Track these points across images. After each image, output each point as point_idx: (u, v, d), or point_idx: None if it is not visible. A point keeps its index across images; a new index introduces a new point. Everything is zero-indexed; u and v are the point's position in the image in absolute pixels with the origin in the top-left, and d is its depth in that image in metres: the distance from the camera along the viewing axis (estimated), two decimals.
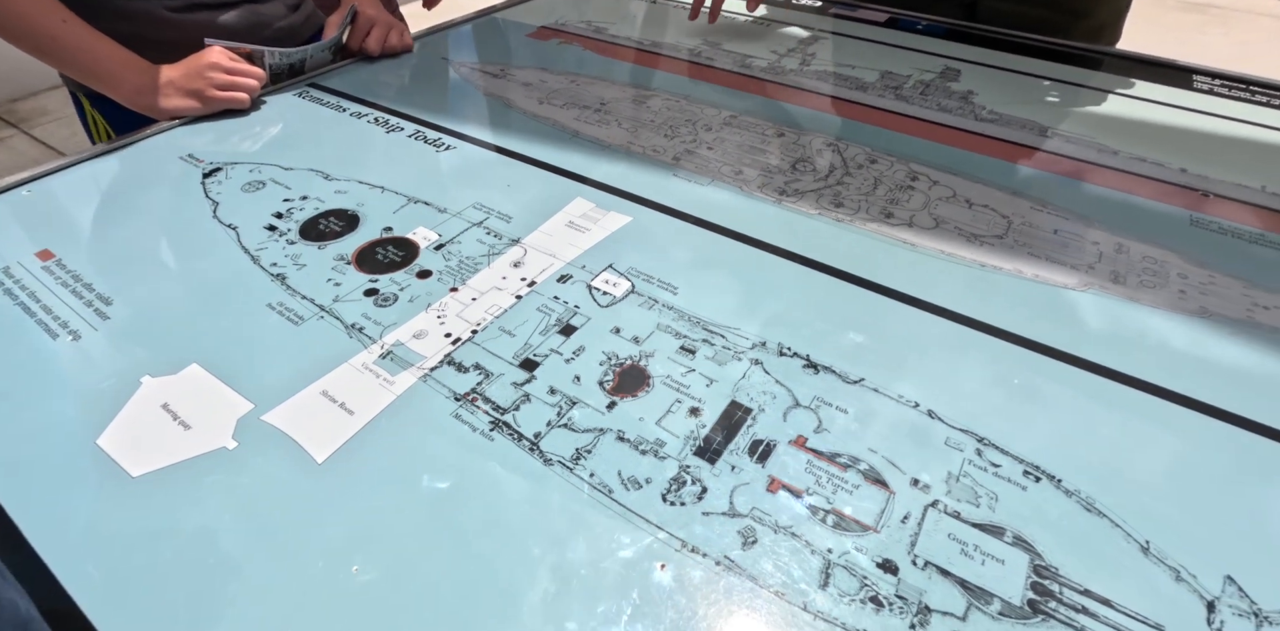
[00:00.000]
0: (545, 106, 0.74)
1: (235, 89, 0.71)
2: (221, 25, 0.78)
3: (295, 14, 0.88)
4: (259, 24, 0.82)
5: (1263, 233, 0.58)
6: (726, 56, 0.87)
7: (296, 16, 0.88)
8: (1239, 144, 0.73)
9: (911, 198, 0.61)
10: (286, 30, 0.86)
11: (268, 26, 0.83)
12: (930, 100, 0.78)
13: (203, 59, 0.70)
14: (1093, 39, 0.96)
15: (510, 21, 0.98)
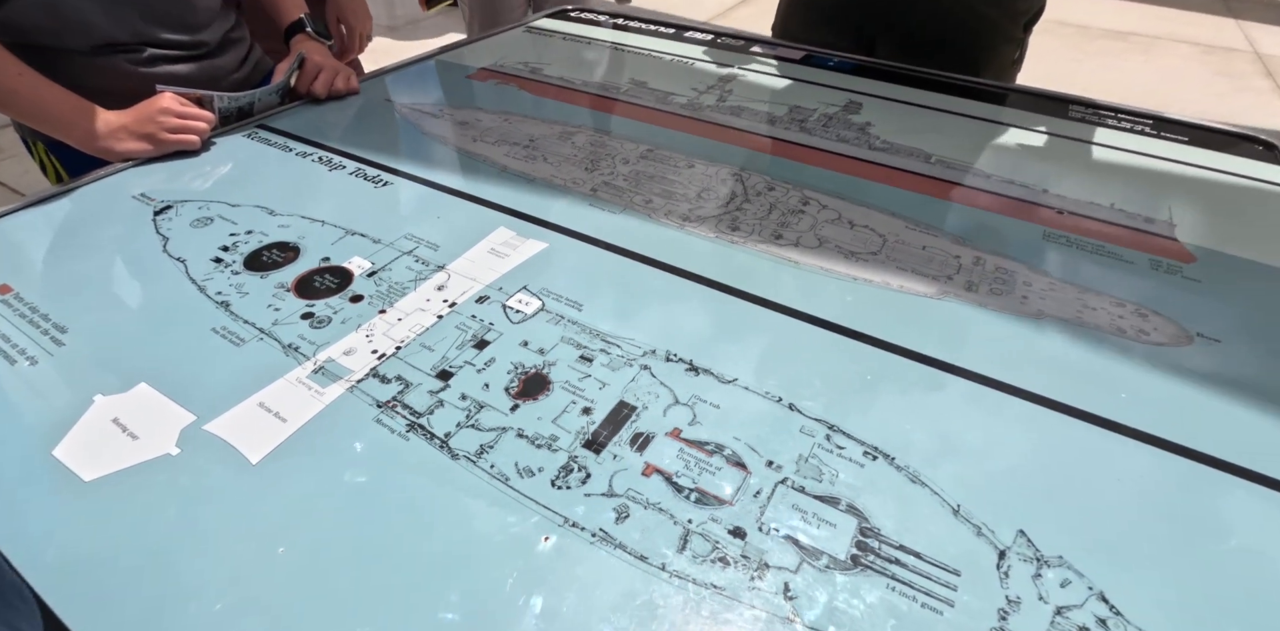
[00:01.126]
0: (479, 144, 0.81)
1: (185, 132, 0.77)
2: (180, 77, 0.84)
3: (246, 65, 0.94)
4: (214, 77, 0.88)
5: (1102, 244, 0.66)
6: (650, 94, 0.95)
7: (247, 68, 0.94)
8: (1099, 167, 0.82)
9: (801, 220, 0.68)
10: (239, 82, 0.92)
11: (223, 78, 0.89)
12: (831, 131, 0.86)
13: (154, 105, 0.76)
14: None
15: (452, 64, 1.05)
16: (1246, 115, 3.11)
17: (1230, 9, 4.66)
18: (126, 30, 0.80)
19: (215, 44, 0.89)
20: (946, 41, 1.06)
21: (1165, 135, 0.91)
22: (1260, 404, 0.49)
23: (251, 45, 0.99)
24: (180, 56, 0.84)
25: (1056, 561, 0.38)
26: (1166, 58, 3.77)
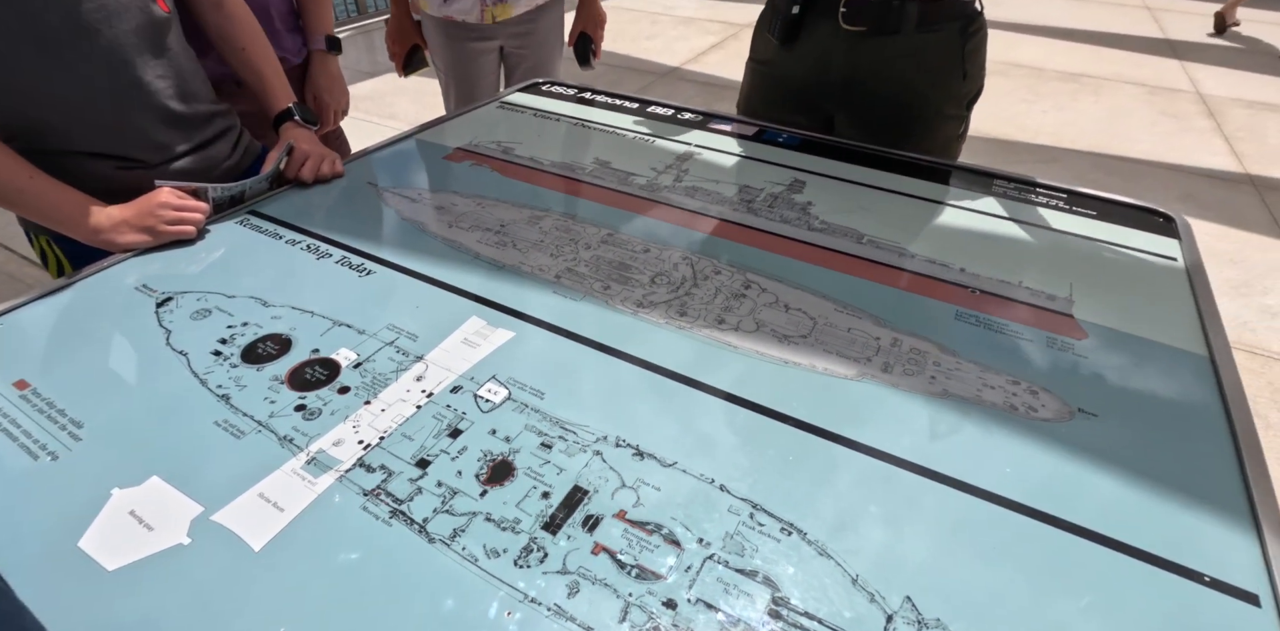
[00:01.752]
0: (454, 230, 0.89)
1: (183, 223, 0.84)
2: (174, 172, 0.92)
3: (236, 152, 1.02)
4: (207, 167, 0.96)
5: (1007, 323, 0.75)
6: (612, 175, 1.04)
7: (237, 154, 1.02)
8: (1013, 244, 0.91)
9: (742, 304, 0.76)
10: (231, 168, 1.00)
11: (215, 167, 0.97)
12: (775, 212, 0.95)
13: (154, 199, 0.84)
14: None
15: (430, 143, 1.14)
16: (1189, 155, 3.28)
17: (1174, 51, 4.91)
18: (134, 143, 0.88)
19: (209, 137, 0.98)
20: (897, 121, 1.17)
21: (1077, 210, 1.01)
22: (1124, 476, 0.57)
23: (241, 131, 1.07)
24: (180, 154, 0.92)
25: (935, 623, 0.45)
26: (1115, 98, 3.97)
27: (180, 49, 0.92)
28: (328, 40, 1.27)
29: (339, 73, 1.32)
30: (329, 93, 1.30)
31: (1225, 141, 3.45)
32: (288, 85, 1.08)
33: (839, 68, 1.14)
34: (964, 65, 1.14)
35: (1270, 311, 2.26)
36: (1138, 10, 5.97)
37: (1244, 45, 5.09)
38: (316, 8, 1.26)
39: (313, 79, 1.28)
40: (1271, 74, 4.48)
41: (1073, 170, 3.07)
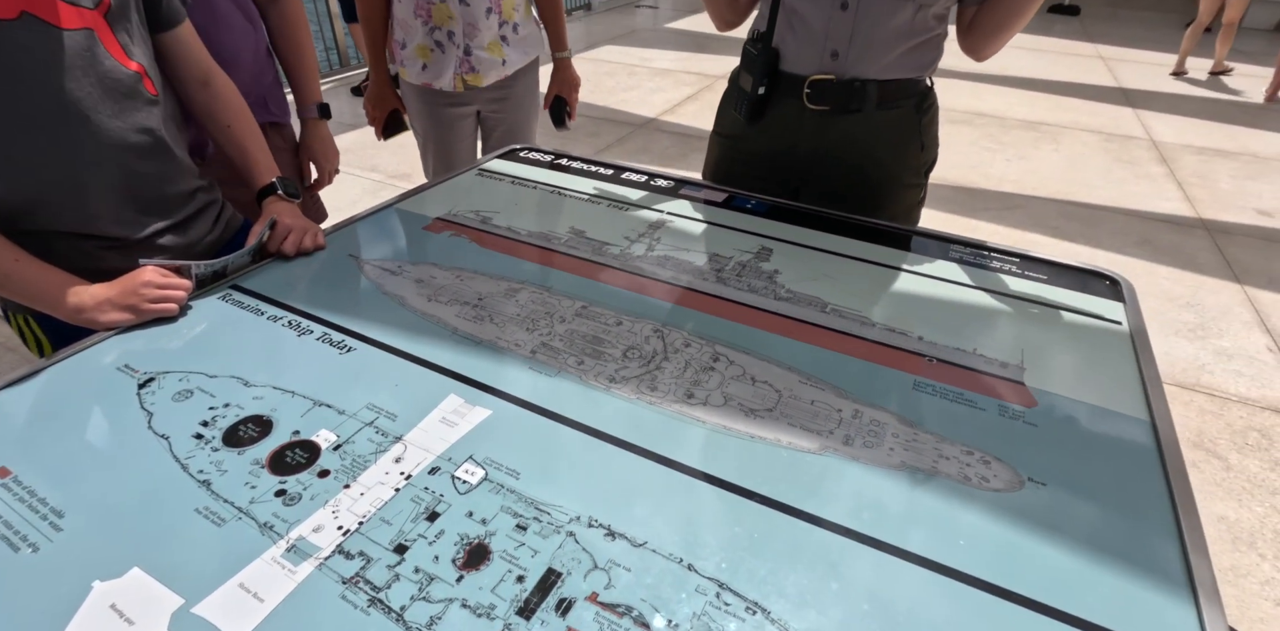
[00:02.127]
0: (433, 304, 0.92)
1: (166, 301, 0.86)
2: (156, 250, 0.94)
3: (218, 227, 1.05)
4: (189, 243, 0.99)
5: (962, 391, 0.79)
6: (587, 244, 1.08)
7: (219, 228, 1.05)
8: (968, 311, 0.96)
9: (711, 378, 0.80)
10: (213, 243, 1.03)
11: (197, 243, 1.00)
12: (743, 281, 1.00)
13: (137, 278, 0.86)
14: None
15: (411, 213, 1.18)
16: (1145, 200, 3.42)
17: (1128, 99, 5.15)
18: (117, 223, 0.90)
19: (191, 214, 1.01)
20: (861, 191, 1.24)
21: (1029, 274, 1.07)
22: (1069, 545, 0.60)
23: (223, 206, 1.10)
24: (161, 231, 0.95)
25: None
26: (1074, 146, 4.13)
27: (167, 129, 0.96)
28: (319, 108, 1.34)
29: (330, 136, 1.39)
30: (324, 157, 1.37)
31: (1178, 187, 3.60)
32: (271, 159, 1.12)
33: (805, 143, 1.21)
34: (921, 138, 1.22)
35: (1226, 353, 2.34)
36: (1092, 60, 6.26)
37: (1191, 92, 5.35)
38: (305, 78, 1.33)
39: (307, 145, 1.34)
40: (1218, 120, 4.71)
41: (1035, 217, 3.18)
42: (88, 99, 0.84)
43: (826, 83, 1.14)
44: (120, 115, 0.87)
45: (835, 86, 1.14)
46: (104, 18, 0.85)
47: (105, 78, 0.85)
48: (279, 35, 1.26)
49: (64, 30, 0.80)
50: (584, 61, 5.56)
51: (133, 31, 0.89)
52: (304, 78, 1.32)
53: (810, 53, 1.14)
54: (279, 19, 1.25)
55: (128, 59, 0.88)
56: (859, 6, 1.08)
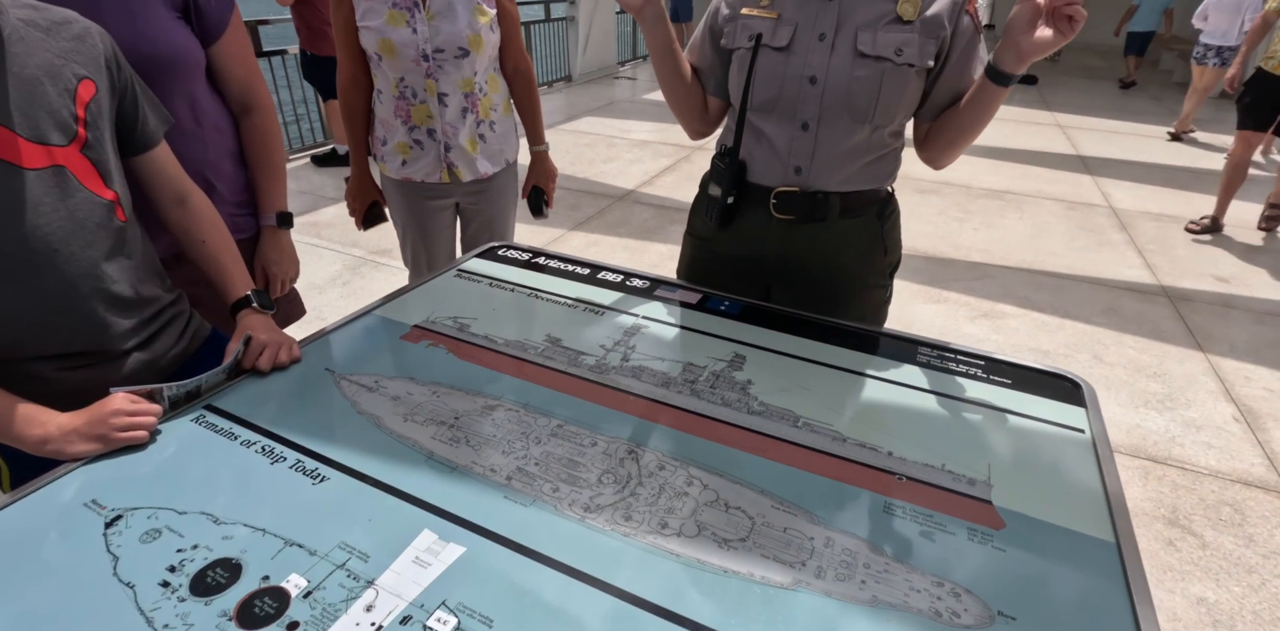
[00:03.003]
0: (409, 424, 0.92)
1: (135, 428, 0.85)
2: (121, 372, 0.94)
3: (184, 338, 1.05)
4: (155, 358, 0.99)
5: (932, 513, 0.81)
6: (563, 354, 1.10)
7: (185, 340, 1.05)
8: (936, 421, 0.98)
9: (684, 504, 0.80)
10: (178, 356, 1.03)
11: (163, 357, 1.01)
12: (717, 394, 1.02)
13: (106, 407, 0.85)
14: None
15: (389, 320, 1.20)
16: (1108, 268, 3.53)
17: (1087, 166, 5.37)
18: (83, 345, 0.91)
19: (158, 329, 1.01)
20: (828, 293, 1.28)
21: (993, 378, 1.10)
22: None
23: (191, 316, 1.10)
24: (128, 350, 0.95)
25: None
26: (1037, 214, 4.29)
27: (137, 250, 0.97)
28: (279, 217, 1.33)
29: (290, 245, 1.37)
30: (278, 265, 1.34)
31: (1138, 254, 3.73)
32: (245, 272, 1.13)
33: (773, 249, 1.26)
34: (884, 242, 1.27)
35: (1194, 424, 2.38)
36: (1051, 129, 6.57)
37: (1146, 159, 5.60)
38: (270, 185, 1.32)
39: (263, 252, 1.33)
40: (1171, 186, 4.92)
41: (1005, 286, 3.27)
42: (56, 233, 0.84)
43: (791, 194, 1.20)
44: (90, 246, 0.88)
45: (800, 198, 1.20)
46: (80, 151, 0.87)
47: (76, 211, 0.86)
48: (249, 145, 1.27)
49: (28, 171, 0.82)
50: (564, 133, 5.73)
51: (109, 160, 0.92)
52: (269, 186, 1.31)
53: (775, 167, 1.20)
54: (250, 130, 1.27)
55: (104, 188, 0.90)
56: (818, 128, 1.14)
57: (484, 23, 1.55)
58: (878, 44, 1.09)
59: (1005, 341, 2.81)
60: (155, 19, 1.07)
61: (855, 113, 1.13)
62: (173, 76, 1.11)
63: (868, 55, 1.09)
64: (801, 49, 1.12)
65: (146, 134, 1.00)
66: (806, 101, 1.13)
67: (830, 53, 1.11)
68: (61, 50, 0.86)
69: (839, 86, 1.11)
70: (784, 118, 1.16)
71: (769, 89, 1.15)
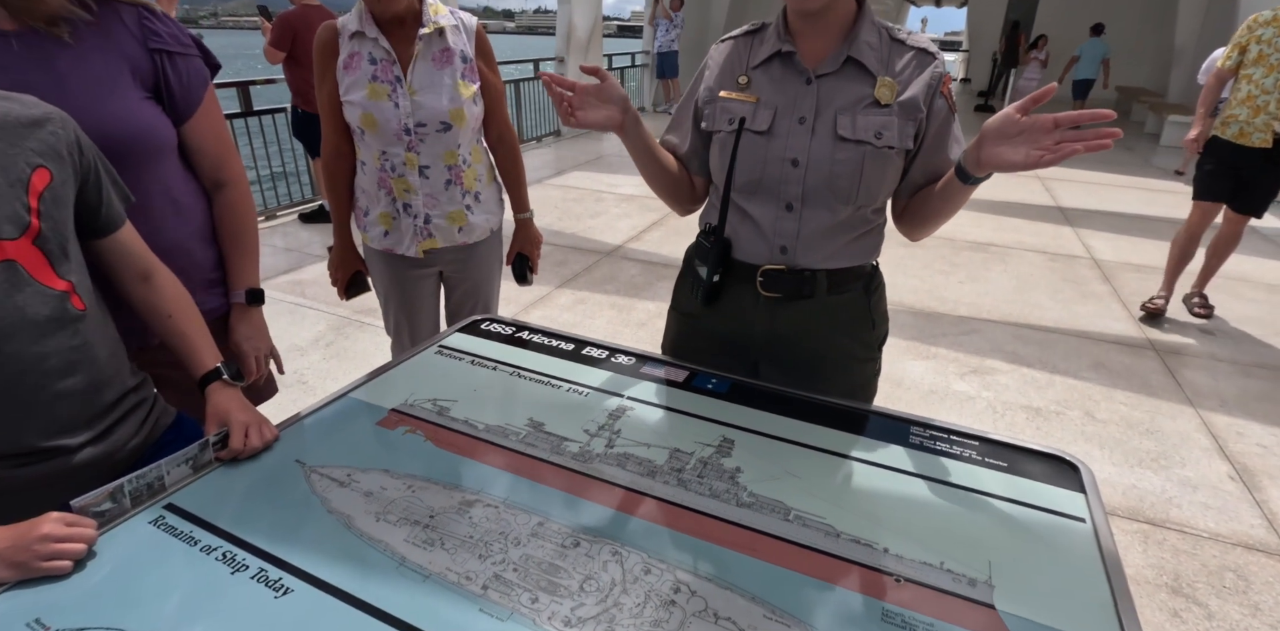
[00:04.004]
0: (381, 525, 0.88)
1: (62, 556, 0.78)
2: (74, 466, 0.90)
3: (146, 426, 1.01)
4: (110, 451, 0.94)
5: (931, 622, 0.76)
6: (545, 441, 1.06)
7: (147, 428, 1.01)
8: (933, 511, 0.95)
9: (671, 616, 0.76)
10: (137, 448, 0.99)
11: (119, 450, 0.96)
12: (705, 484, 0.98)
13: (34, 531, 0.77)
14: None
15: (365, 404, 1.16)
16: (1094, 321, 3.55)
17: (1067, 218, 5.47)
18: (34, 443, 0.86)
19: (116, 420, 0.97)
20: (817, 368, 1.26)
21: (988, 461, 1.07)
22: None
23: (154, 402, 1.06)
24: (82, 444, 0.91)
25: None
26: (1021, 266, 4.33)
27: (96, 338, 0.93)
28: (249, 294, 1.28)
29: (262, 322, 1.32)
30: (249, 342, 1.29)
31: (1123, 306, 3.76)
32: (213, 343, 1.09)
33: (761, 326, 1.24)
34: (871, 316, 1.25)
35: (1191, 484, 2.34)
36: (1030, 180, 6.71)
37: (1125, 210, 5.72)
38: (241, 261, 1.28)
39: (233, 328, 1.28)
40: (1150, 237, 5.00)
41: (992, 341, 3.27)
42: (3, 329, 0.81)
43: (778, 272, 1.19)
44: (40, 340, 0.84)
45: (786, 276, 1.19)
46: (32, 243, 0.84)
47: (26, 306, 0.83)
48: (221, 221, 1.25)
49: None
50: (552, 188, 5.80)
51: (67, 247, 0.89)
52: (240, 262, 1.27)
53: (760, 246, 1.19)
54: (222, 206, 1.25)
55: (57, 278, 0.87)
56: (802, 208, 1.14)
57: (467, 96, 1.56)
58: (858, 128, 1.10)
59: (996, 398, 2.79)
60: (124, 100, 1.06)
61: (838, 194, 1.13)
62: (143, 157, 1.10)
63: (848, 139, 1.10)
64: (782, 132, 1.13)
65: (111, 217, 0.97)
66: (789, 183, 1.13)
67: (811, 136, 1.12)
68: (14, 139, 0.84)
69: (821, 169, 1.11)
70: (767, 199, 1.16)
71: (751, 171, 1.15)
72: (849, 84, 1.12)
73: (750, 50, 1.19)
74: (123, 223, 1.00)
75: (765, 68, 1.16)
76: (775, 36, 1.15)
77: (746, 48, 1.19)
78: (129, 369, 1.02)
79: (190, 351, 1.06)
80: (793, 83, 1.14)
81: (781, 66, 1.15)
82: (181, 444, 1.02)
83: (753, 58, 1.17)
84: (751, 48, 1.19)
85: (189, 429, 1.12)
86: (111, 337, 0.98)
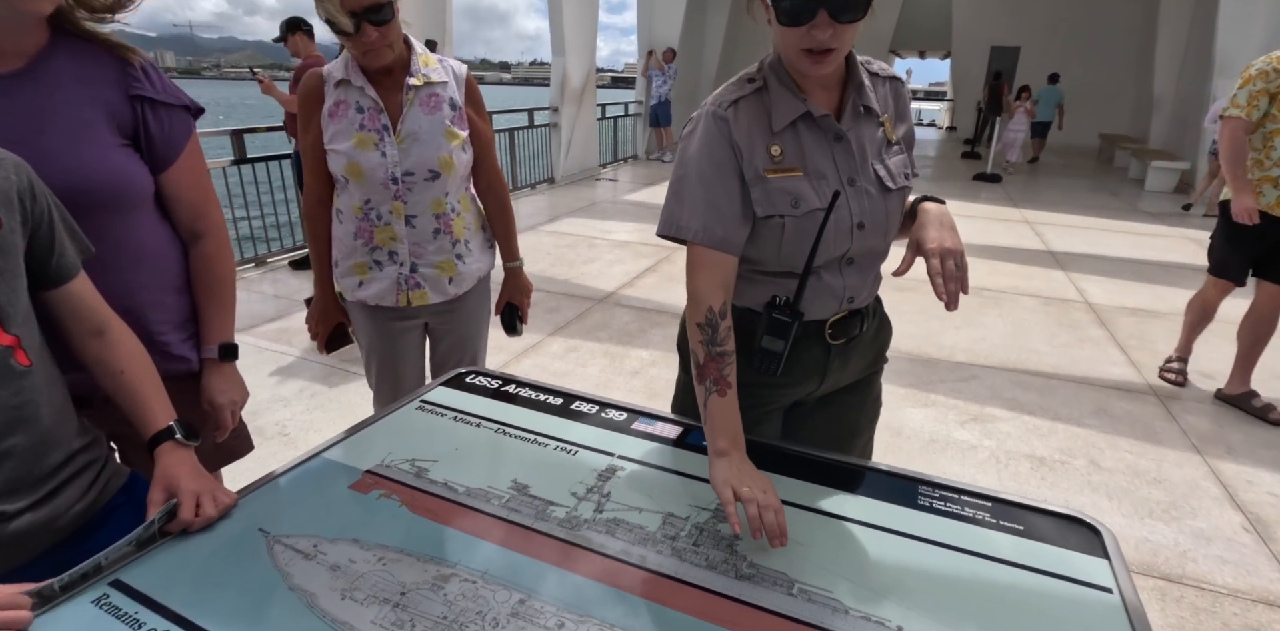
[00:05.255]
0: (347, 603, 0.80)
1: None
2: (10, 534, 0.82)
3: (94, 489, 0.93)
4: (50, 521, 0.87)
5: None
6: (529, 505, 0.99)
7: (94, 491, 0.93)
8: (946, 584, 0.87)
9: None
10: (81, 513, 0.91)
11: (61, 516, 0.88)
12: (701, 553, 0.91)
13: None
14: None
15: (338, 464, 1.09)
16: (1093, 366, 3.50)
17: (1059, 262, 5.49)
18: None
19: (60, 484, 0.89)
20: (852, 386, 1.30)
21: (1004, 524, 1.00)
22: None
23: (104, 464, 0.99)
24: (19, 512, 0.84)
25: None
26: (1016, 310, 4.31)
27: (44, 397, 0.87)
28: (222, 349, 1.22)
29: (236, 376, 1.26)
30: (225, 394, 1.22)
31: (1121, 350, 3.72)
32: (168, 401, 1.02)
33: (831, 373, 1.23)
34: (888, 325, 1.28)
35: (1204, 536, 2.26)
36: (1020, 225, 6.77)
37: (1115, 254, 5.75)
38: (215, 314, 1.22)
39: (206, 383, 1.22)
40: (1142, 280, 5.01)
41: (991, 388, 3.21)
42: None
43: (841, 319, 1.19)
44: None
45: (849, 319, 1.20)
46: None
47: None
48: (196, 273, 1.20)
49: None
50: (546, 234, 5.81)
51: (15, 299, 0.83)
52: (214, 316, 1.22)
53: (830, 303, 1.15)
54: (198, 257, 1.19)
55: (2, 332, 0.82)
56: (859, 259, 1.15)
57: (455, 145, 1.53)
58: (895, 174, 1.11)
59: (998, 447, 2.72)
60: (98, 147, 1.02)
61: (888, 238, 1.16)
62: (116, 205, 1.05)
63: (892, 189, 1.11)
64: (842, 201, 1.07)
65: (63, 267, 0.92)
66: (853, 243, 1.11)
67: (866, 196, 1.09)
68: None
69: (878, 224, 1.11)
70: (831, 260, 1.13)
71: (838, 247, 1.09)
72: (868, 131, 1.10)
73: (767, 113, 1.05)
74: (75, 273, 0.95)
75: (792, 132, 1.06)
76: (791, 96, 1.05)
77: (763, 111, 1.05)
78: (77, 428, 0.95)
79: (141, 409, 0.99)
80: (823, 144, 1.06)
81: (807, 128, 1.06)
82: (131, 508, 0.95)
83: (774, 122, 1.05)
84: (768, 109, 1.05)
85: (142, 491, 1.04)
86: (59, 396, 0.92)
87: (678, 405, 1.33)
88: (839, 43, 0.95)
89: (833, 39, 0.94)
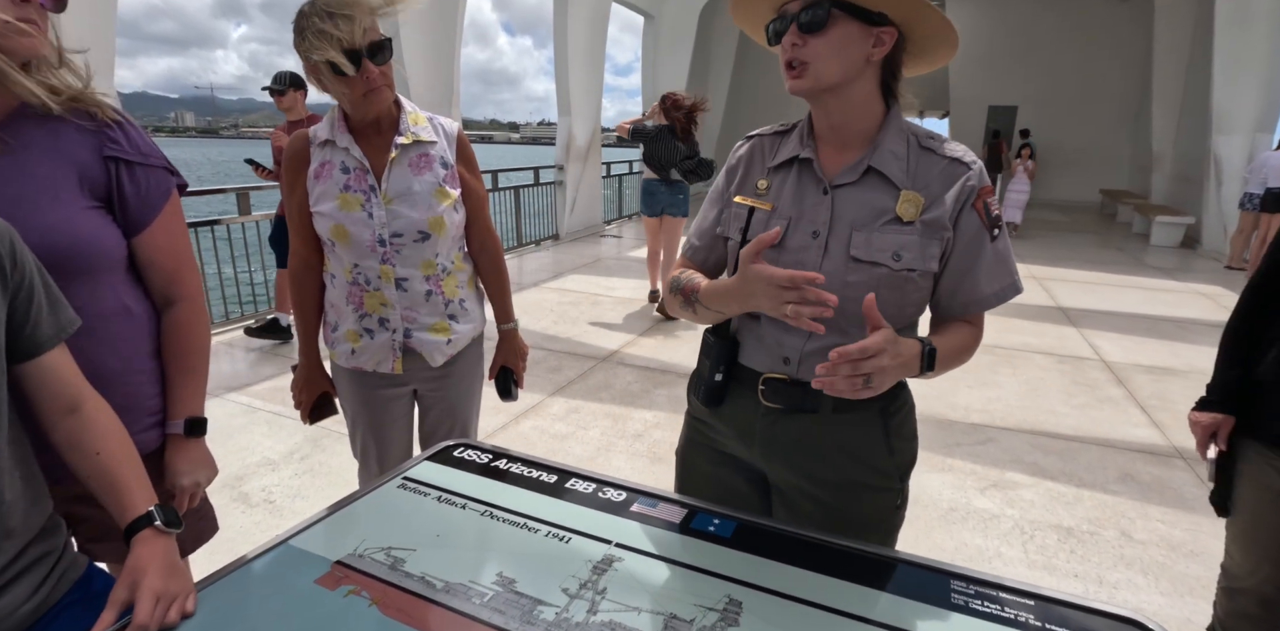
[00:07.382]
0: None
1: None
2: None
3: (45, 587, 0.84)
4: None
5: None
6: (515, 605, 0.88)
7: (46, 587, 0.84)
8: None
9: None
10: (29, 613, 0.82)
11: (8, 617, 0.80)
12: None
13: None
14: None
15: (305, 554, 0.98)
16: (1114, 428, 3.37)
17: (1070, 319, 5.40)
18: None
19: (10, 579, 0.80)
20: (824, 489, 1.11)
21: (1049, 626, 0.88)
22: None
23: (61, 554, 0.90)
24: None
25: None
26: (1029, 369, 4.20)
27: (4, 480, 0.79)
28: (188, 424, 1.13)
29: (203, 452, 1.16)
30: (188, 476, 1.13)
31: (1142, 411, 3.59)
32: (148, 483, 0.95)
33: (759, 440, 1.12)
34: (889, 442, 1.10)
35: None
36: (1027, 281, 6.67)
37: (1126, 310, 5.66)
38: (184, 386, 1.14)
39: (170, 463, 1.12)
40: (1156, 337, 4.91)
41: (1011, 452, 3.08)
42: None
43: (779, 382, 1.07)
44: None
45: (788, 387, 1.07)
46: None
47: None
48: (168, 340, 1.12)
49: None
50: (549, 291, 5.78)
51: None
52: (183, 387, 1.13)
53: (763, 354, 1.09)
54: (171, 324, 1.12)
55: None
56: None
57: (446, 205, 1.48)
58: (873, 247, 0.99)
59: (1022, 517, 2.57)
60: (66, 209, 0.97)
61: (848, 318, 1.00)
62: (82, 268, 0.99)
63: (862, 260, 0.99)
64: (794, 247, 1.03)
65: (36, 340, 0.86)
66: None
67: (823, 253, 1.01)
68: None
69: (830, 290, 0.93)
70: None
71: None
72: (868, 196, 1.01)
73: (774, 151, 1.11)
74: (51, 346, 0.88)
75: (783, 172, 1.08)
76: (798, 139, 1.07)
77: (772, 148, 1.12)
78: (41, 509, 0.86)
79: (119, 494, 0.91)
80: (810, 191, 1.04)
81: (799, 173, 1.06)
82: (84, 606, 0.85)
83: (773, 158, 1.10)
84: (776, 148, 1.11)
85: (98, 584, 0.94)
86: (22, 480, 0.84)
87: (680, 483, 1.24)
88: (807, 56, 0.97)
89: (799, 51, 0.97)
